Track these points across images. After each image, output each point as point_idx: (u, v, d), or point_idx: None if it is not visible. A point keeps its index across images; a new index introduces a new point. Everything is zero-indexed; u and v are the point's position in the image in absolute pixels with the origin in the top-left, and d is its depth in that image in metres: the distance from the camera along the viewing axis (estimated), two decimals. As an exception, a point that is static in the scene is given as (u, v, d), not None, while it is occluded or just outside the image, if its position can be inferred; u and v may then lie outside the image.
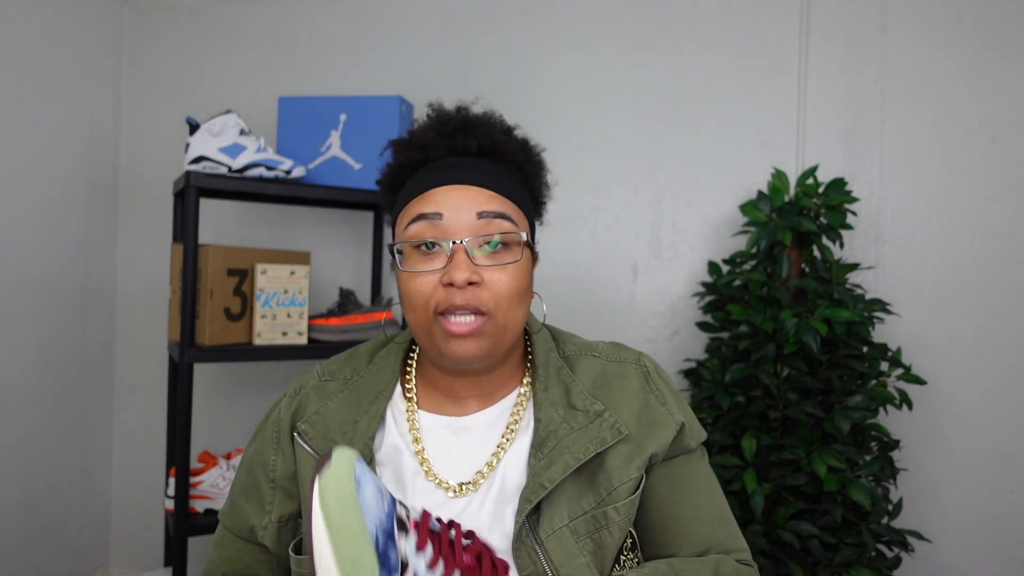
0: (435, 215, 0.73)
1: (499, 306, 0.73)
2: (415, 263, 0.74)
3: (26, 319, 1.83)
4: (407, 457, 0.79)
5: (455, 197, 0.74)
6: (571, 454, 0.74)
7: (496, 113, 0.83)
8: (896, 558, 1.47)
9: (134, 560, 2.17)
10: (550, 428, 0.77)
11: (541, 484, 0.73)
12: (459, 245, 0.72)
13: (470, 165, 0.77)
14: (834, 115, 1.78)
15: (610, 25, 1.91)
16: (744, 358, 1.57)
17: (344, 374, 0.85)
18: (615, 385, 0.81)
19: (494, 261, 0.74)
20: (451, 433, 0.80)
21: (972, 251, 1.72)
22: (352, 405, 0.81)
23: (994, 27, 1.70)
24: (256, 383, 2.11)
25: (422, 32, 2.01)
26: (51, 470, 1.93)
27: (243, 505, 0.84)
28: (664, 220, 1.88)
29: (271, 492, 0.82)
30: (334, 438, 0.78)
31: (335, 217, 2.06)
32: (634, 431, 0.78)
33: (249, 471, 0.85)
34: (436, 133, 0.79)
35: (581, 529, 0.73)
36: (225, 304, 1.57)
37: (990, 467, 1.70)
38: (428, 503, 0.76)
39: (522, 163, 0.81)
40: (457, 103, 0.83)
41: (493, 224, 0.74)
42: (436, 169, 0.77)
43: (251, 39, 2.10)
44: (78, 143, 2.00)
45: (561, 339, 0.89)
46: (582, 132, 1.92)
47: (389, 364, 0.84)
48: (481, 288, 0.72)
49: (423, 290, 0.73)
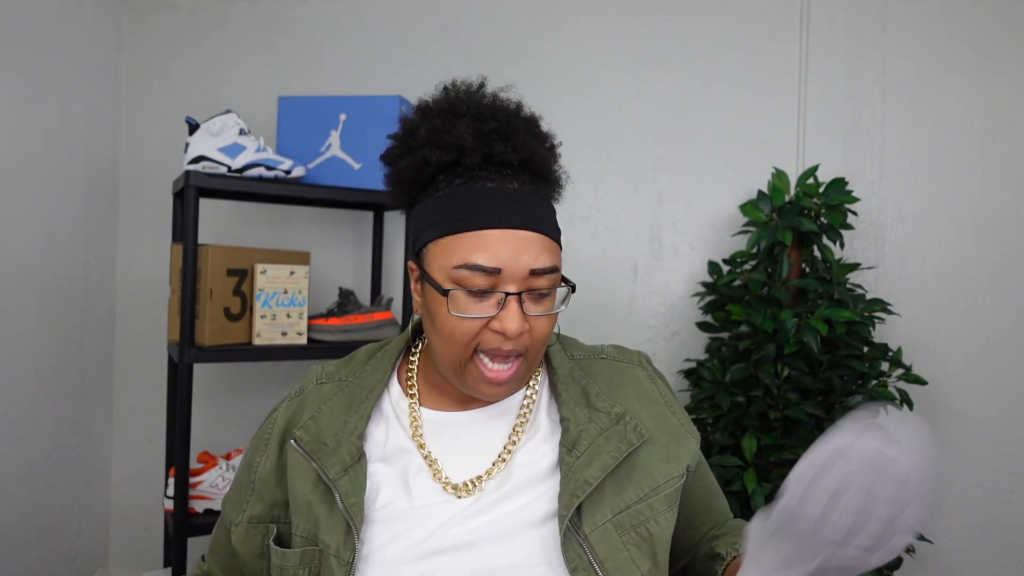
0: (495, 270, 0.71)
1: (534, 347, 0.75)
2: (463, 306, 0.72)
3: (26, 319, 1.83)
4: (412, 456, 0.79)
5: (511, 249, 0.71)
6: (607, 453, 0.76)
7: (526, 106, 0.80)
8: (896, 558, 1.47)
9: (134, 560, 2.17)
10: (580, 427, 0.77)
11: (585, 480, 0.73)
12: (514, 297, 0.72)
13: (518, 198, 0.73)
14: (834, 115, 1.78)
15: (610, 25, 1.91)
16: (744, 358, 1.57)
17: (340, 376, 0.85)
18: (629, 387, 0.84)
19: (541, 309, 0.74)
20: (454, 430, 0.80)
21: (972, 251, 1.71)
22: (344, 407, 0.81)
23: (994, 27, 1.70)
24: (256, 383, 2.11)
25: (422, 32, 2.01)
26: (51, 470, 1.93)
27: (229, 495, 0.87)
28: (664, 220, 1.88)
29: (249, 490, 0.83)
30: (325, 441, 0.78)
31: (335, 217, 2.06)
32: (656, 435, 0.80)
33: (242, 465, 0.86)
34: (473, 136, 0.74)
35: (625, 523, 0.75)
36: (225, 304, 1.56)
37: (991, 468, 1.70)
38: (433, 501, 0.76)
39: (550, 171, 0.80)
40: (480, 79, 0.81)
41: (543, 279, 0.74)
42: (484, 199, 0.72)
43: (251, 39, 2.10)
44: (78, 143, 2.00)
45: (566, 344, 0.89)
46: (582, 132, 1.91)
47: (381, 366, 0.84)
48: (525, 335, 0.73)
49: (468, 332, 0.72)
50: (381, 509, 0.75)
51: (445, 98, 0.78)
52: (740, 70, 1.83)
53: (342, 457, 0.76)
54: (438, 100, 0.78)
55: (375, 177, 1.73)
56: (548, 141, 0.80)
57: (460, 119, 0.75)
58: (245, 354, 1.59)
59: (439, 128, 0.75)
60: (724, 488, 1.48)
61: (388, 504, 0.76)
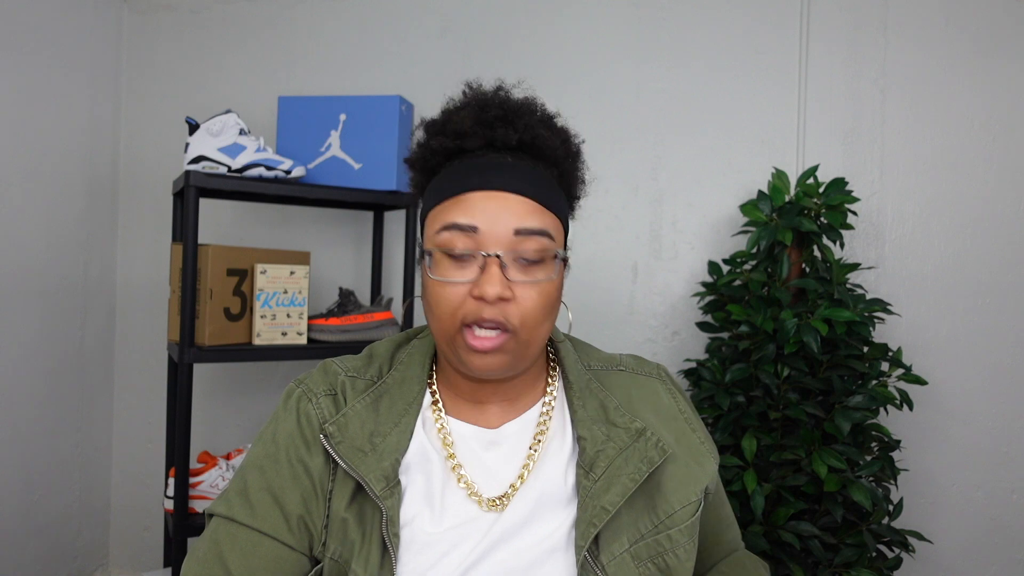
0: (471, 228, 0.69)
1: (524, 323, 0.70)
2: (445, 270, 0.70)
3: (26, 319, 1.83)
4: (437, 465, 0.75)
5: (492, 207, 0.70)
6: (627, 475, 0.72)
7: (538, 100, 0.79)
8: (897, 559, 1.47)
9: (133, 561, 2.17)
10: (597, 447, 0.74)
11: (603, 508, 0.71)
12: (493, 258, 0.69)
13: (509, 167, 0.72)
14: (834, 115, 1.78)
15: (610, 25, 1.91)
16: (744, 358, 1.57)
17: (370, 375, 0.79)
18: (648, 400, 0.81)
19: (527, 277, 0.70)
20: (480, 445, 0.77)
21: (972, 251, 1.71)
22: (380, 412, 0.75)
23: (994, 27, 1.70)
24: (256, 383, 2.11)
25: (422, 32, 2.01)
26: (51, 470, 1.93)
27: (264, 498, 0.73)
28: (664, 220, 1.88)
29: (320, 503, 0.73)
30: (362, 447, 0.72)
31: (335, 217, 2.06)
32: (677, 451, 0.77)
33: (284, 469, 0.73)
34: (474, 121, 0.74)
35: (643, 554, 0.73)
36: (225, 304, 1.56)
37: (991, 468, 1.70)
38: (461, 515, 0.73)
39: (561, 159, 0.77)
40: (497, 83, 0.79)
41: (530, 240, 0.70)
42: (473, 168, 0.72)
43: (251, 39, 2.10)
44: (78, 143, 2.00)
45: (582, 351, 0.86)
46: (582, 132, 1.89)
47: (415, 373, 0.79)
48: (510, 304, 0.69)
49: (451, 300, 0.70)
50: (406, 527, 0.71)
51: (461, 95, 0.79)
52: (740, 70, 1.83)
53: (385, 471, 0.71)
54: (454, 99, 0.80)
55: (375, 177, 1.73)
56: (546, 116, 0.78)
57: (464, 107, 0.77)
58: (245, 354, 1.59)
59: (444, 119, 0.77)
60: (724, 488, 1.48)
61: (411, 521, 0.72)
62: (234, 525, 0.72)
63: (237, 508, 0.72)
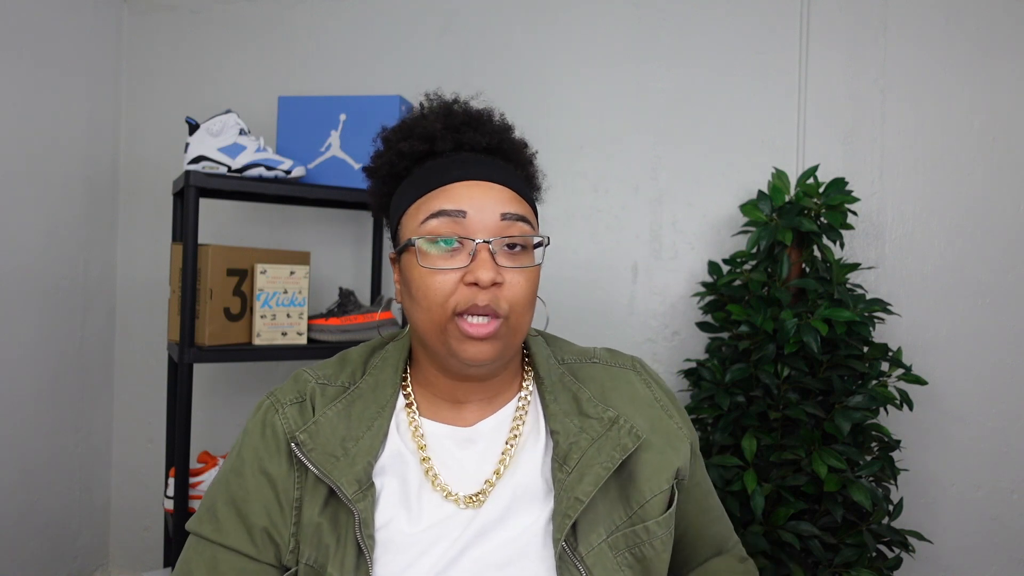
0: (458, 212, 0.71)
1: (514, 309, 0.71)
2: (434, 260, 0.71)
3: (26, 319, 1.83)
4: (412, 467, 0.75)
5: (478, 195, 0.72)
6: (599, 464, 0.73)
7: (496, 110, 0.81)
8: (897, 559, 1.47)
9: (133, 561, 2.17)
10: (570, 440, 0.75)
11: (576, 498, 0.71)
12: (483, 244, 0.70)
13: (488, 163, 0.75)
14: (834, 115, 1.78)
15: (610, 25, 1.91)
16: (744, 358, 1.57)
17: (341, 381, 0.80)
18: (622, 390, 0.81)
19: (514, 263, 0.72)
20: (455, 444, 0.77)
21: (972, 251, 1.71)
22: (352, 418, 0.75)
23: (994, 27, 1.70)
24: (256, 383, 2.11)
25: (422, 32, 2.01)
26: (51, 470, 1.93)
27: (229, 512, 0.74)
28: (664, 220, 1.88)
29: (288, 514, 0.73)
30: (334, 453, 0.72)
31: (335, 217, 2.06)
32: (651, 438, 0.77)
33: (249, 481, 0.74)
34: (443, 125, 0.76)
35: (620, 544, 0.73)
36: (225, 304, 1.56)
37: (991, 467, 1.70)
38: (438, 514, 0.73)
39: (525, 163, 0.80)
40: (453, 95, 0.81)
41: (515, 226, 0.72)
42: (452, 163, 0.74)
43: (251, 39, 2.10)
44: (78, 143, 2.00)
45: (555, 345, 0.87)
46: (582, 132, 1.92)
47: (388, 376, 0.79)
48: (501, 290, 0.70)
49: (442, 288, 0.70)
50: (382, 529, 0.71)
51: (419, 107, 0.82)
52: (740, 70, 1.83)
53: (357, 475, 0.71)
54: (411, 110, 0.82)
55: (375, 177, 1.73)
56: (506, 124, 0.81)
57: (429, 113, 0.79)
58: (245, 354, 1.59)
59: (410, 124, 0.78)
60: (724, 488, 1.48)
61: (388, 524, 0.72)
62: (203, 542, 0.74)
63: (205, 524, 0.74)
